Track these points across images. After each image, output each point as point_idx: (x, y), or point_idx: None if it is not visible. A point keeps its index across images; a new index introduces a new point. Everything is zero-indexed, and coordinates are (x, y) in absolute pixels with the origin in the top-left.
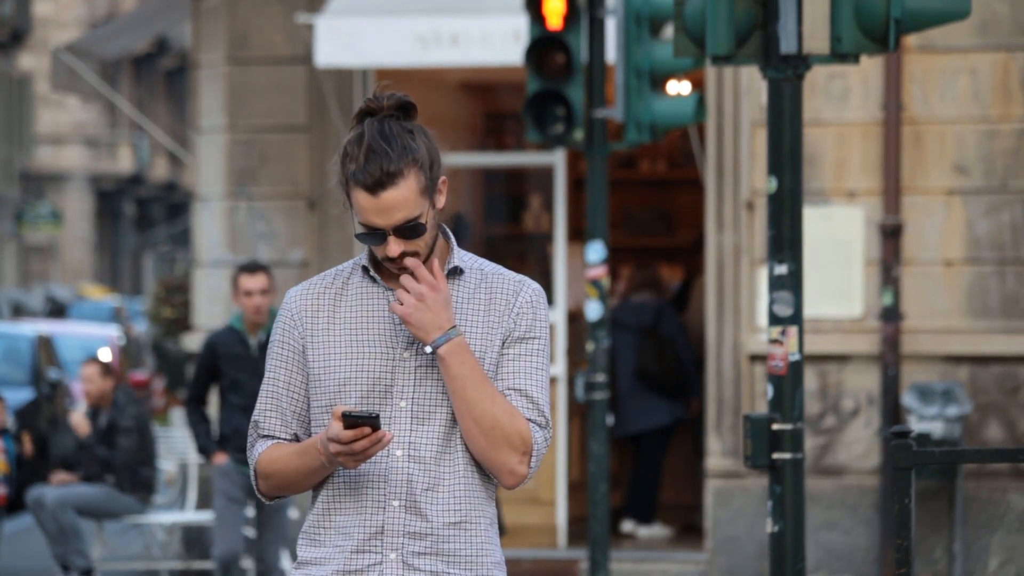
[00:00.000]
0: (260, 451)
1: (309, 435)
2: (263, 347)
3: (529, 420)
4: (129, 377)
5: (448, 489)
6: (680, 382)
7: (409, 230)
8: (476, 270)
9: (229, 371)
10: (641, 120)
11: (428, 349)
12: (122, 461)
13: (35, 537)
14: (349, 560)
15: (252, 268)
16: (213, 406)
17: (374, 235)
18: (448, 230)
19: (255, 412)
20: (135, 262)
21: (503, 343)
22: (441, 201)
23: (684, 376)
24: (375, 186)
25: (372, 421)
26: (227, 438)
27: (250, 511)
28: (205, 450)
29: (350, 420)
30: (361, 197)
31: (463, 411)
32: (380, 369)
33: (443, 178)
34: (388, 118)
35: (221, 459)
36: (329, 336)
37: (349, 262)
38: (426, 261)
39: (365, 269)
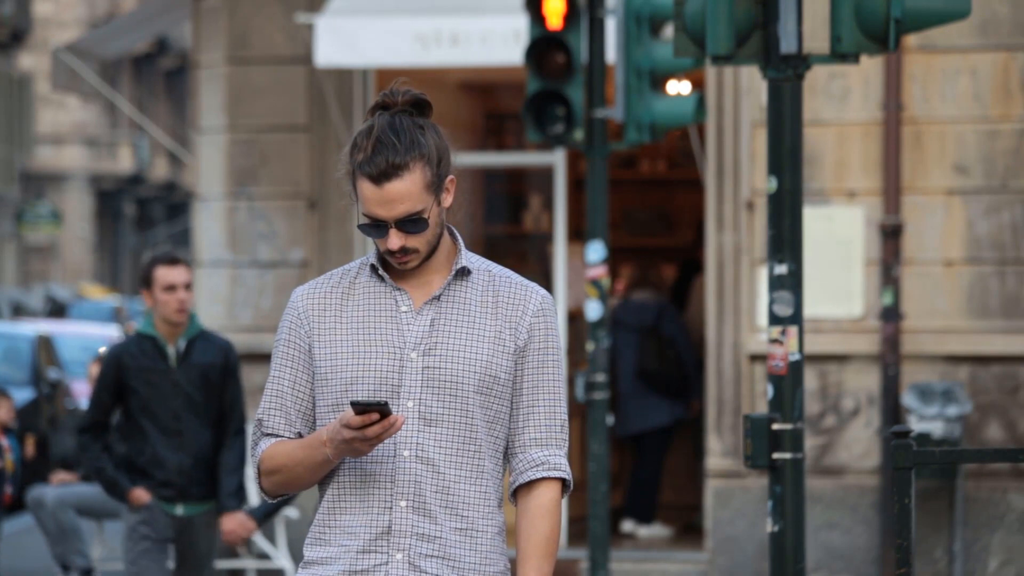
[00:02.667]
0: (263, 448)
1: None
2: (183, 358)
3: (556, 444)
4: None
5: (458, 494)
6: (681, 382)
7: (411, 223)
8: (483, 271)
9: (140, 389)
10: (641, 120)
11: None
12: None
13: (35, 537)
14: (355, 560)
15: (172, 259)
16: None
17: (376, 227)
18: (456, 231)
19: (259, 411)
20: (135, 262)
21: (515, 349)
22: (448, 200)
23: (685, 376)
24: (380, 177)
25: (381, 408)
26: (144, 472)
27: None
28: (115, 487)
29: (359, 407)
30: (366, 187)
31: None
32: (387, 369)
33: (451, 177)
34: (401, 113)
35: (143, 497)
36: (336, 335)
37: (357, 261)
38: (428, 259)
39: (373, 268)
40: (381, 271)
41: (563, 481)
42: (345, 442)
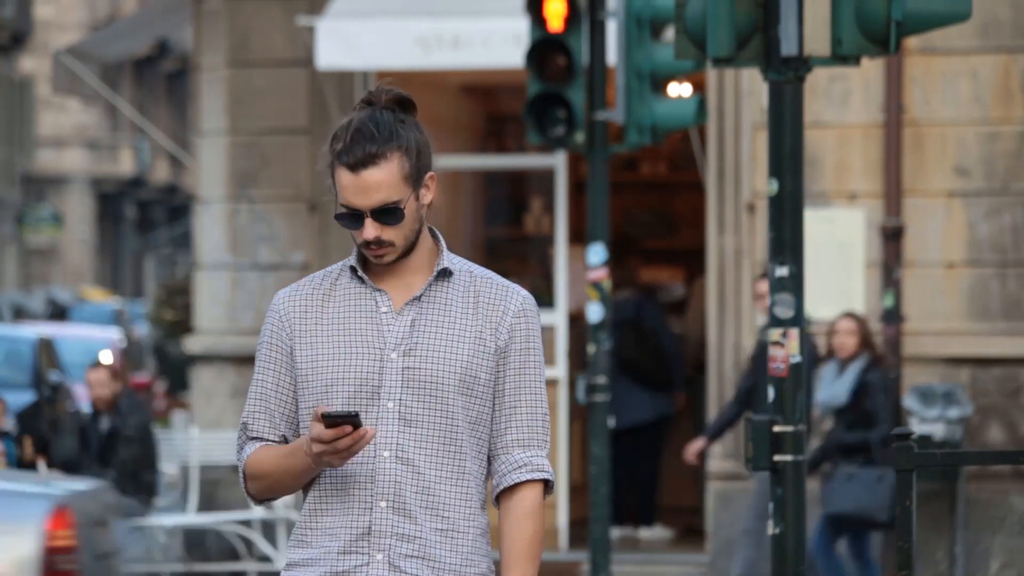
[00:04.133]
0: (248, 453)
1: (298, 436)
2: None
3: (538, 445)
4: (130, 380)
5: (438, 495)
6: (664, 374)
7: (387, 214)
8: (464, 272)
9: None
10: (642, 122)
11: None
12: (114, 477)
13: None
14: (336, 561)
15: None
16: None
17: (352, 216)
18: (438, 232)
19: (243, 414)
20: (136, 265)
21: (496, 350)
22: (427, 197)
23: (667, 368)
24: (357, 165)
25: (352, 420)
26: None
27: None
28: None
29: (329, 420)
30: (343, 176)
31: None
32: (367, 370)
33: (431, 173)
34: (382, 109)
35: None
36: (317, 337)
37: (338, 264)
38: (407, 257)
39: (353, 269)
40: (361, 272)
41: (545, 482)
42: (316, 456)
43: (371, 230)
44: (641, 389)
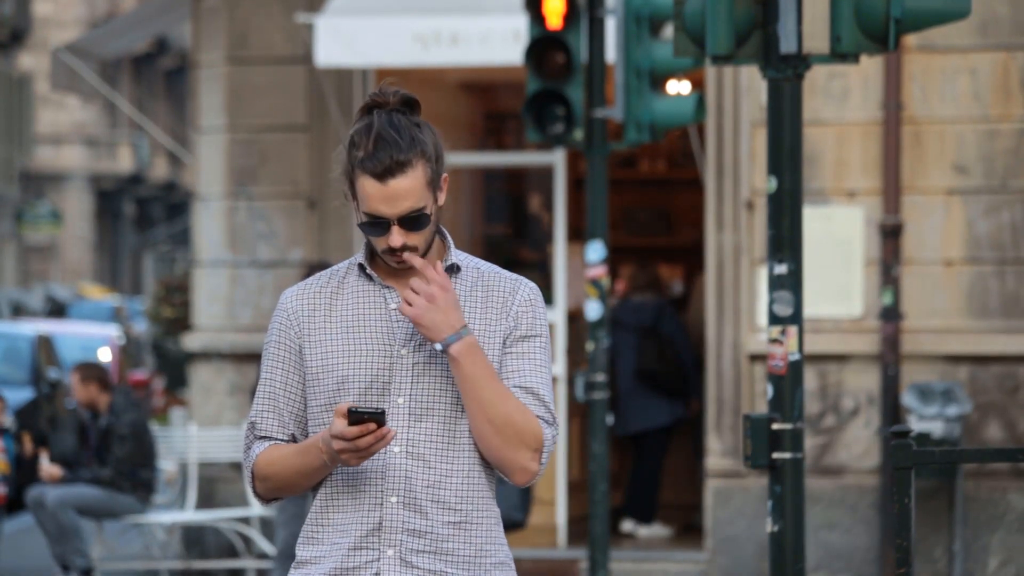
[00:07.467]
0: (257, 452)
1: (306, 435)
2: None
3: (538, 417)
4: (129, 377)
5: (449, 487)
6: (680, 382)
7: (414, 221)
8: (472, 268)
9: None
10: (641, 120)
11: (439, 347)
12: (110, 475)
13: (35, 537)
14: (346, 557)
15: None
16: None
17: (377, 225)
18: (444, 229)
19: (251, 413)
20: (135, 262)
21: (504, 341)
22: (442, 198)
23: (684, 376)
24: (384, 173)
25: (377, 417)
26: None
27: None
28: None
29: (356, 416)
30: (368, 185)
31: (476, 411)
32: (378, 366)
33: (445, 175)
34: (395, 112)
35: None
36: (326, 335)
37: (344, 262)
38: (423, 257)
39: (361, 267)
40: (369, 270)
41: (544, 447)
42: (333, 454)
43: (398, 238)
44: (658, 395)
